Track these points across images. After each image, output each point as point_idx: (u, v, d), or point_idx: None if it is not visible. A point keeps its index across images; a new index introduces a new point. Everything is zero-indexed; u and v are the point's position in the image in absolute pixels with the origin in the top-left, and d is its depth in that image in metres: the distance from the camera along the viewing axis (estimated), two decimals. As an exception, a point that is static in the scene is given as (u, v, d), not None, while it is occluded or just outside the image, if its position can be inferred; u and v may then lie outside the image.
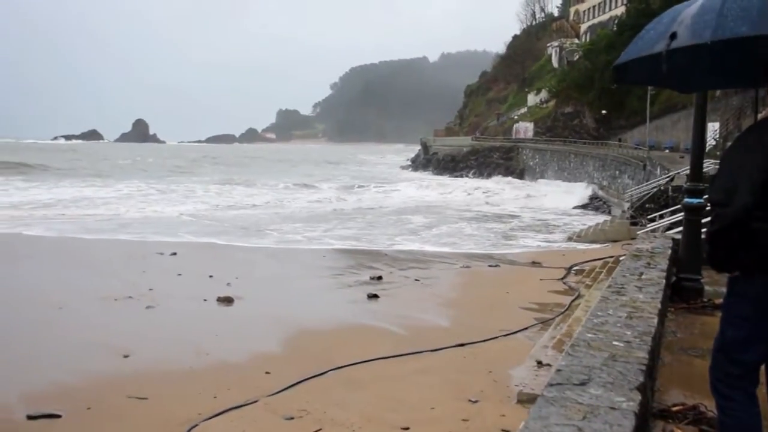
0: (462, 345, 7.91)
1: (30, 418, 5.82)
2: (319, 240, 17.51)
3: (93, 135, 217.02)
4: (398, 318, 9.43)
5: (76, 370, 7.07)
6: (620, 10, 62.72)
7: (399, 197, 33.64)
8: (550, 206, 29.77)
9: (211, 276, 11.87)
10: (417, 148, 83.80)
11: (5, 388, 6.52)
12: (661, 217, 15.21)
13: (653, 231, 12.57)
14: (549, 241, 18.85)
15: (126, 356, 7.47)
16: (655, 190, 20.65)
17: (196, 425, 5.64)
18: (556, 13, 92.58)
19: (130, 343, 7.94)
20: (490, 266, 13.92)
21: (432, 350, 7.78)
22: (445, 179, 51.11)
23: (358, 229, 20.07)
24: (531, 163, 51.46)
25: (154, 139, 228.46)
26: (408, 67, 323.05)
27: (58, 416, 5.87)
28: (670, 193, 18.44)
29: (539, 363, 6.82)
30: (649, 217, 17.17)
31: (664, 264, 5.88)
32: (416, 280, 12.25)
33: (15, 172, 44.36)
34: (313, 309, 10.27)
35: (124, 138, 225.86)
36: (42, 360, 7.45)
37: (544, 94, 66.96)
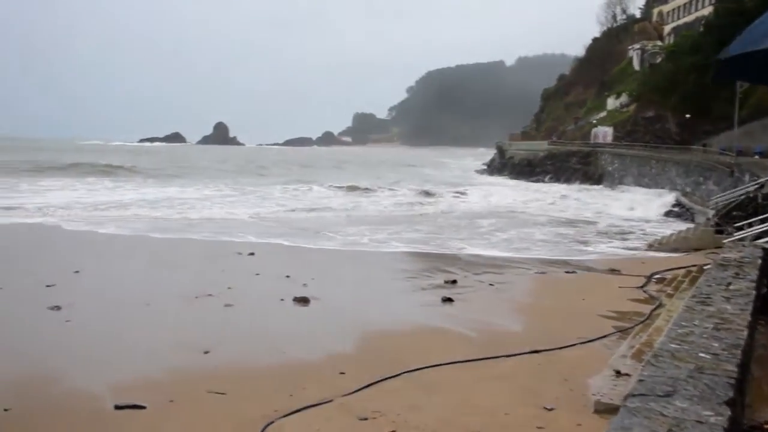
0: (537, 351, 7.80)
1: (117, 408, 6.09)
2: (388, 243, 17.56)
3: (176, 137, 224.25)
4: (472, 322, 9.38)
5: (160, 364, 7.35)
6: (707, 11, 60.43)
7: (473, 201, 33.41)
8: (629, 213, 28.96)
9: (287, 276, 12.10)
10: (492, 152, 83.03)
11: (95, 378, 6.84)
12: (750, 225, 14.54)
13: (741, 240, 12.05)
14: (628, 249, 18.32)
15: (206, 352, 7.70)
16: (743, 197, 19.81)
17: (273, 422, 5.76)
18: (638, 15, 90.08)
19: (210, 339, 8.18)
20: (566, 272, 13.66)
21: (507, 356, 7.71)
22: (521, 184, 50.45)
23: (431, 233, 20.04)
24: (610, 169, 50.12)
25: (234, 141, 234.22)
26: (484, 71, 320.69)
27: (143, 407, 6.11)
28: (760, 201, 17.64)
29: (618, 373, 6.65)
30: (736, 225, 16.45)
31: (754, 274, 5.63)
32: (491, 284, 12.14)
33: (103, 173, 46.27)
34: (387, 311, 10.34)
35: (205, 140, 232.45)
36: (129, 353, 7.78)
37: (624, 98, 65.17)
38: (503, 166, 68.53)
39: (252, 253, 14.55)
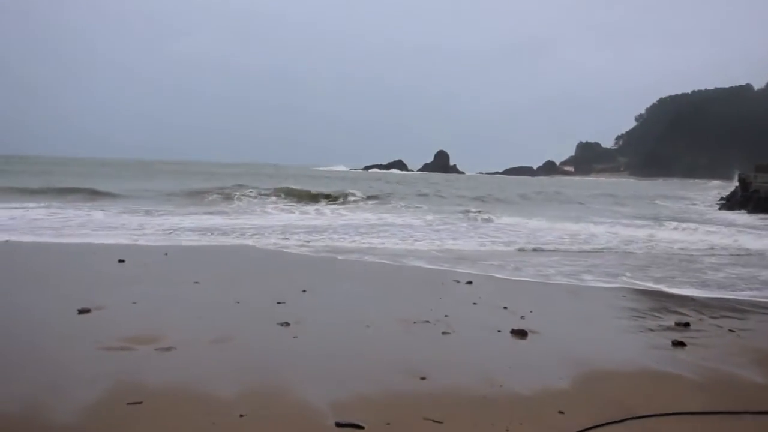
0: (790, 411, 6.86)
1: (338, 425, 6.31)
2: (616, 278, 16.63)
3: (398, 165, 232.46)
4: (707, 371, 8.50)
5: (377, 386, 7.52)
6: None
7: (707, 238, 30.69)
8: None
9: (505, 307, 11.91)
10: (733, 184, 76.11)
11: (318, 393, 7.16)
12: None
13: None
14: None
15: (423, 378, 7.76)
16: None
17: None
18: None
19: (426, 365, 8.24)
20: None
21: (751, 413, 6.87)
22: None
23: (659, 268, 18.68)
24: None
25: (453, 169, 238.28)
26: (726, 96, 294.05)
27: (362, 427, 6.27)
28: None
29: None
30: None
31: None
32: (730, 330, 10.98)
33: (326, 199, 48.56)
34: (609, 350, 9.73)
35: (426, 168, 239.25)
36: (349, 372, 8.06)
37: None
38: (746, 200, 62.30)
39: (470, 282, 14.56)
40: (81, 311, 10.49)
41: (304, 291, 12.89)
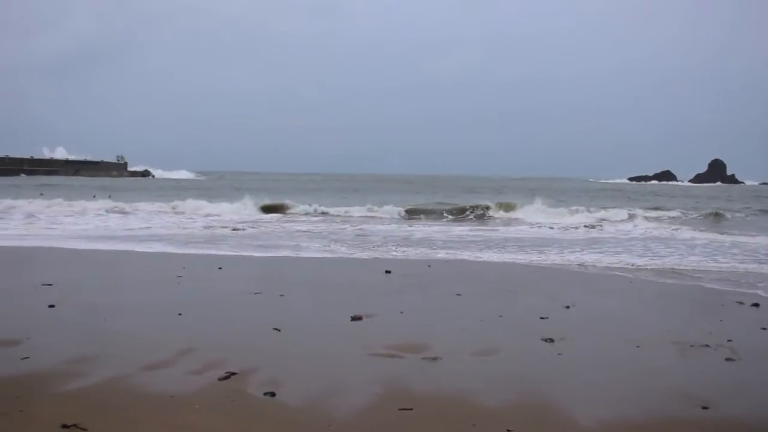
0: None
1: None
2: None
3: (666, 176, 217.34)
4: None
5: (651, 412, 7.04)
6: None
7: None
8: None
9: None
10: None
11: (588, 414, 6.90)
12: None
13: None
14: None
15: (705, 407, 7.10)
16: None
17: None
18: None
19: (708, 393, 7.53)
20: None
21: None
22: None
23: None
24: None
25: (730, 179, 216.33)
26: None
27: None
28: None
29: None
30: None
31: None
32: None
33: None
34: None
35: (698, 179, 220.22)
36: (619, 394, 7.63)
37: None
38: None
39: (756, 305, 13.07)
40: (353, 318, 11.25)
41: (568, 307, 12.53)
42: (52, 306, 11.71)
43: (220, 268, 17.16)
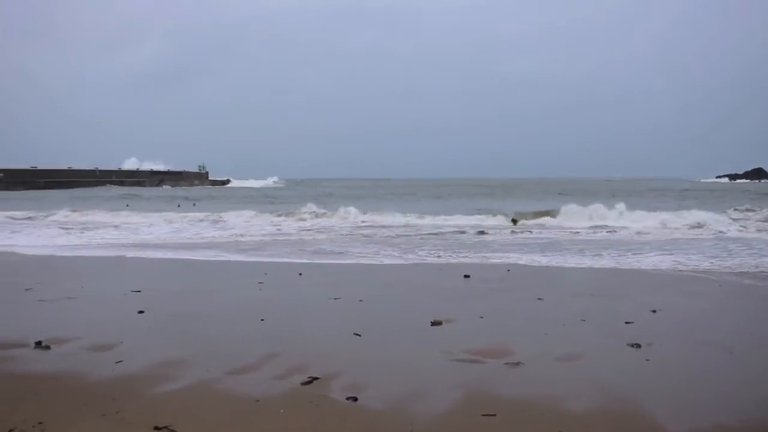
0: None
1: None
2: None
3: (758, 174, 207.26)
4: None
5: (745, 420, 6.74)
6: None
7: None
8: None
9: None
10: None
11: (678, 421, 6.66)
12: None
13: None
14: None
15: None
16: None
17: None
18: None
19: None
20: None
21: None
22: None
23: None
24: None
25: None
26: None
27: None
28: None
29: None
30: None
31: None
32: None
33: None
34: None
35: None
36: (711, 401, 7.34)
37: None
38: None
39: None
40: (434, 323, 11.23)
41: (654, 311, 12.14)
42: (141, 312, 12.18)
43: (300, 274, 17.45)
